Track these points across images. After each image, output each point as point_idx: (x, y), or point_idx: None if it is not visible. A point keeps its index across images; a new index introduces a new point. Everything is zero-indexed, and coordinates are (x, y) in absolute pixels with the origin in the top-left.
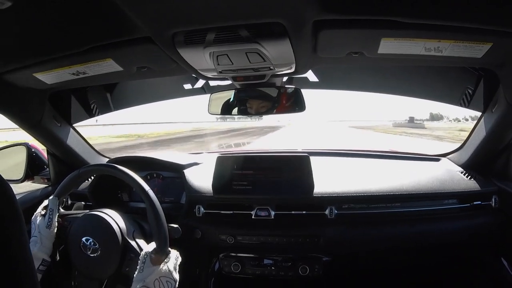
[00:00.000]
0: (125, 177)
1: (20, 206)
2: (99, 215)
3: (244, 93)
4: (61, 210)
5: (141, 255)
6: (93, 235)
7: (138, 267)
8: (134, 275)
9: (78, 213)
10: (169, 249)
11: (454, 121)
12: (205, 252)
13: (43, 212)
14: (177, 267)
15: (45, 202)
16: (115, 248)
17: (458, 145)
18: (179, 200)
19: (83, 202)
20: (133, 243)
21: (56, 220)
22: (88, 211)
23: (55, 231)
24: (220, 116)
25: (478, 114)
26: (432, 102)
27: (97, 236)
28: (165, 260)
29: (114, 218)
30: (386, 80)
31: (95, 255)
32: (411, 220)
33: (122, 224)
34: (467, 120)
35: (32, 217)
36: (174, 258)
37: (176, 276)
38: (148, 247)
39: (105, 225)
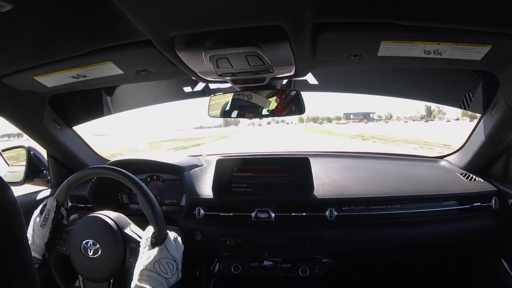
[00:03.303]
0: (118, 175)
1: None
2: (94, 215)
3: (244, 96)
4: (62, 211)
5: (141, 242)
6: (92, 236)
7: (139, 254)
8: (136, 263)
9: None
10: (167, 231)
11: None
12: (205, 254)
13: (39, 211)
14: (179, 248)
15: (44, 202)
16: (115, 243)
17: None
18: (179, 202)
19: (77, 214)
20: (131, 233)
21: (52, 221)
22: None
23: (49, 231)
24: (220, 118)
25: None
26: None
27: (96, 236)
28: (164, 241)
29: (109, 216)
30: (386, 83)
31: (96, 256)
32: (411, 222)
33: (118, 219)
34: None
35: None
36: (172, 239)
37: (178, 256)
38: (147, 233)
39: (102, 223)
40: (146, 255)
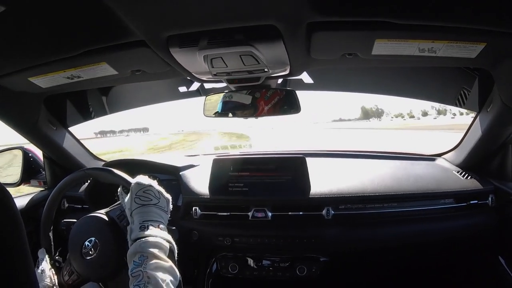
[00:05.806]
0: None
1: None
2: (89, 215)
3: (239, 95)
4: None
5: (120, 200)
6: (90, 234)
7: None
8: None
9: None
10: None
11: None
12: (202, 254)
13: (36, 265)
14: (148, 180)
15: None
16: (114, 237)
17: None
18: (176, 202)
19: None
20: (116, 208)
21: (51, 265)
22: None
23: (52, 273)
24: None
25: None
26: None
27: (94, 233)
28: (132, 182)
29: (103, 212)
30: (381, 81)
31: (98, 253)
32: (408, 220)
33: (112, 213)
34: None
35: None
36: (138, 177)
37: (152, 183)
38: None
39: (98, 221)
40: (127, 203)
